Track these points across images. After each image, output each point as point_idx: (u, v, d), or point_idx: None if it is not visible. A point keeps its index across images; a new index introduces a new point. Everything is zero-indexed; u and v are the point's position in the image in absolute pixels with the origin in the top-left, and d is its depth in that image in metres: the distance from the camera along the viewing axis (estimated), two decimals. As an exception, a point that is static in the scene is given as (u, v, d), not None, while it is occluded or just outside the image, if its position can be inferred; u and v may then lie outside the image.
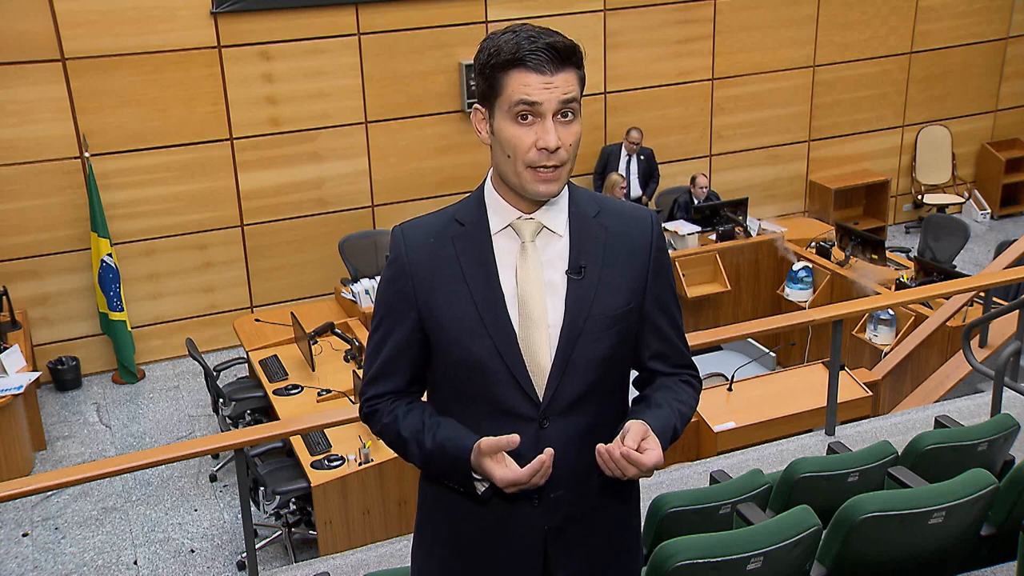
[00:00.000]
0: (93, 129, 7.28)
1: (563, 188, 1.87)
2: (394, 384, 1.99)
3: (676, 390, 2.01)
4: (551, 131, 1.78)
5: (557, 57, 1.77)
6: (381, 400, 2.00)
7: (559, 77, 1.78)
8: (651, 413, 1.93)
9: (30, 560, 5.64)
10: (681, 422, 1.97)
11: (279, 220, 8.01)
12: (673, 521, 3.12)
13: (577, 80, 1.81)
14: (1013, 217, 10.33)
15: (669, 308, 2.00)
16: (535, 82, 1.77)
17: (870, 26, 9.54)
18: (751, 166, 9.52)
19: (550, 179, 1.82)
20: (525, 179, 1.83)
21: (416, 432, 1.94)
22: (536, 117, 1.79)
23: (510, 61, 1.78)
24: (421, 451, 1.94)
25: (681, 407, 1.98)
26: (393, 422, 1.98)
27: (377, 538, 4.94)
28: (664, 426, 1.91)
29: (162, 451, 4.17)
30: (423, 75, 8.08)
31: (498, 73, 1.79)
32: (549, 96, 1.77)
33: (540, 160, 1.80)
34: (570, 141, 1.81)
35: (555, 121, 1.79)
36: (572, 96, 1.79)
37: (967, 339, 5.08)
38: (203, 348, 7.40)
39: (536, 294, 1.88)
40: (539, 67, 1.77)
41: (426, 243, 1.93)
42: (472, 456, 1.86)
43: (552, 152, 1.79)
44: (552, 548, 1.96)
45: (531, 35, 1.79)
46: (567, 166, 1.83)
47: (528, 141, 1.80)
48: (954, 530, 2.98)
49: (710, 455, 5.10)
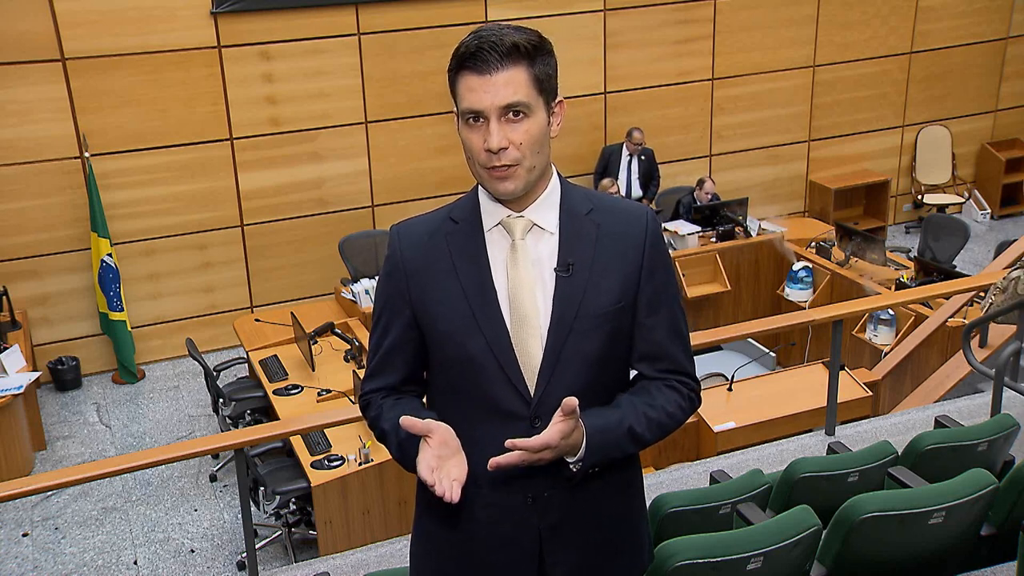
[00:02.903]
0: (93, 129, 7.28)
1: (525, 185, 1.85)
2: (388, 380, 2.01)
3: (652, 393, 1.95)
4: (494, 132, 1.79)
5: (498, 56, 1.77)
6: (375, 395, 2.02)
7: (501, 77, 1.77)
8: (597, 411, 1.89)
9: (30, 560, 5.64)
10: (647, 425, 1.91)
11: (279, 220, 8.01)
12: (673, 521, 3.12)
13: (527, 77, 1.80)
14: (1013, 217, 10.33)
15: (664, 309, 1.96)
16: (477, 85, 1.79)
17: (870, 26, 9.54)
18: (751, 166, 9.52)
19: (504, 177, 1.83)
20: (484, 179, 1.86)
21: (394, 423, 1.93)
22: (484, 119, 1.80)
23: (458, 64, 1.81)
24: (396, 441, 1.93)
25: (648, 410, 1.92)
26: (378, 415, 2.00)
27: (377, 538, 4.94)
28: (608, 424, 1.88)
29: (162, 451, 4.17)
30: (423, 75, 8.08)
31: (453, 77, 1.83)
32: (490, 101, 1.78)
33: (490, 161, 1.81)
34: (520, 140, 1.81)
35: (503, 121, 1.79)
36: (515, 98, 1.78)
37: (967, 339, 5.08)
38: (203, 348, 7.40)
39: (526, 292, 1.88)
40: (480, 68, 1.78)
41: (421, 241, 1.95)
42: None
43: (495, 153, 1.80)
44: (548, 546, 1.96)
45: (481, 35, 1.79)
46: (525, 163, 1.83)
47: (479, 143, 1.82)
48: (954, 530, 2.98)
49: (710, 455, 5.10)
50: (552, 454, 1.82)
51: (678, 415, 1.97)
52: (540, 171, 1.87)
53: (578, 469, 1.88)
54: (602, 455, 1.89)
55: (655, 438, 1.95)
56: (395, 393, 2.01)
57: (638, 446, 1.94)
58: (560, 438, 1.79)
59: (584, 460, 1.87)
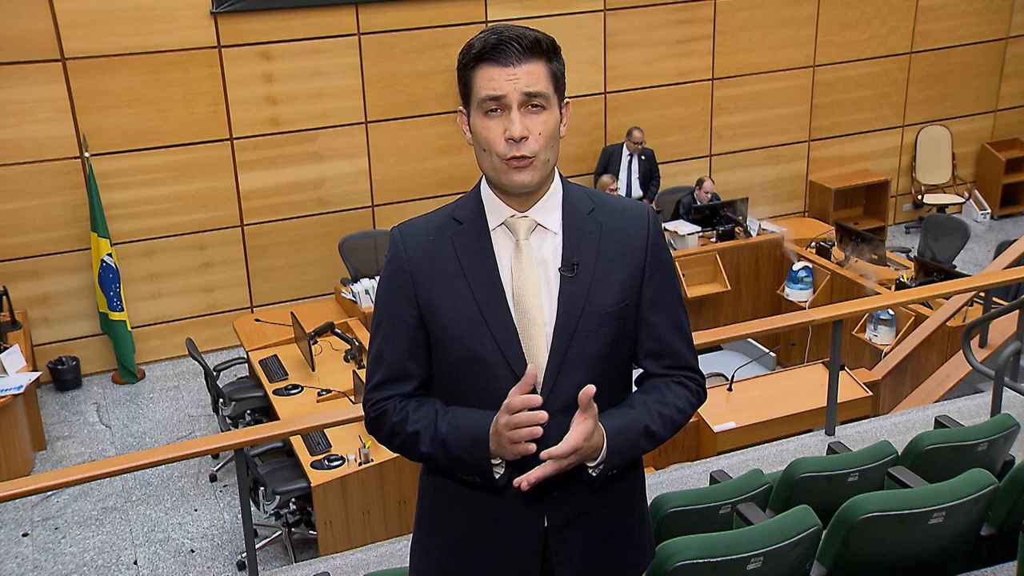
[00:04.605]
0: (93, 129, 7.28)
1: (540, 178, 1.86)
2: (401, 388, 1.97)
3: (663, 390, 1.97)
4: (516, 121, 1.79)
5: (520, 49, 1.79)
6: (388, 402, 1.97)
7: (523, 68, 1.79)
8: (614, 412, 1.90)
9: (30, 560, 5.64)
10: (661, 423, 1.93)
11: (279, 220, 8.01)
12: (673, 521, 3.12)
13: (547, 72, 1.82)
14: (1013, 217, 10.33)
15: (667, 306, 1.97)
16: (499, 75, 1.80)
17: (870, 26, 9.54)
18: (751, 166, 9.52)
19: (522, 167, 1.83)
20: (500, 171, 1.85)
21: (429, 422, 1.92)
22: (503, 110, 1.81)
23: (477, 57, 1.81)
24: (434, 439, 1.90)
25: (661, 408, 1.94)
26: (403, 419, 1.95)
27: (377, 538, 4.94)
28: (625, 425, 1.89)
29: (162, 451, 4.16)
30: (423, 75, 8.08)
31: (469, 71, 1.83)
32: (512, 88, 1.79)
33: (510, 151, 1.81)
34: (539, 131, 1.82)
35: (523, 112, 1.81)
36: (537, 88, 1.80)
37: (967, 339, 5.08)
38: (203, 348, 7.40)
39: (531, 292, 1.88)
40: (502, 60, 1.79)
41: (424, 241, 1.94)
42: (491, 429, 1.83)
43: (517, 141, 1.80)
44: (553, 544, 1.96)
45: (499, 31, 1.81)
46: (541, 156, 1.83)
47: (497, 133, 1.82)
48: (954, 530, 2.98)
49: (710, 455, 5.10)
50: (577, 458, 1.82)
51: (688, 411, 2.00)
52: (551, 166, 1.89)
53: (598, 473, 1.88)
54: (621, 457, 1.90)
55: (668, 435, 1.97)
56: (410, 399, 1.98)
57: (653, 444, 1.96)
58: (584, 440, 1.80)
59: (606, 462, 1.87)
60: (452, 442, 1.89)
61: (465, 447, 1.88)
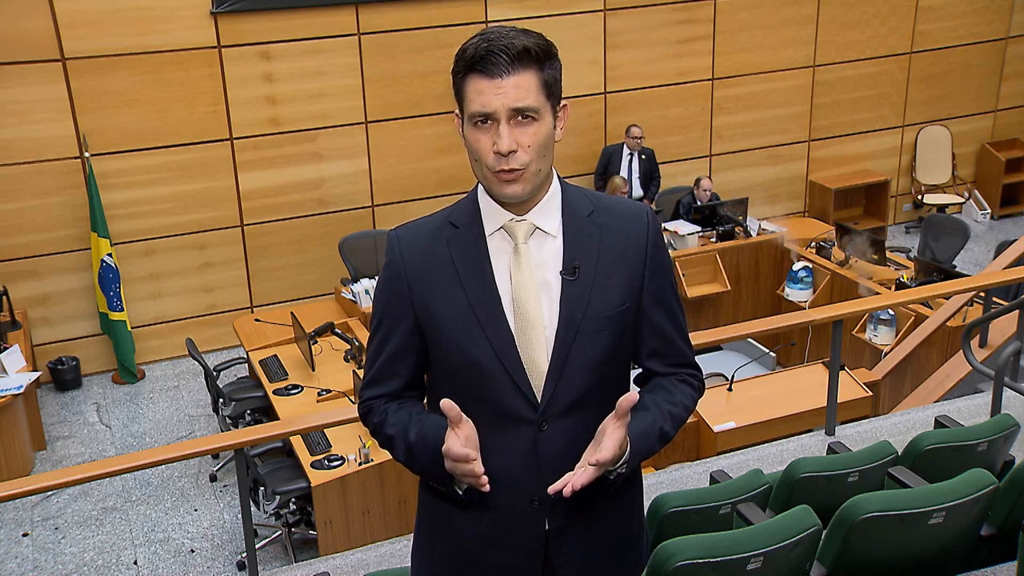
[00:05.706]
0: (93, 129, 7.28)
1: (531, 188, 1.85)
2: (390, 387, 1.99)
3: (670, 390, 1.99)
4: (504, 136, 1.78)
5: (508, 60, 1.76)
6: (374, 401, 2.01)
7: (511, 81, 1.77)
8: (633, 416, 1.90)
9: (30, 560, 5.64)
10: (672, 423, 1.95)
11: (279, 220, 8.01)
12: (673, 521, 3.12)
13: (537, 81, 1.79)
14: (1013, 217, 10.33)
15: (668, 305, 1.98)
16: (487, 88, 1.77)
17: (870, 26, 9.54)
18: (751, 166, 9.52)
19: (511, 180, 1.82)
20: (491, 182, 1.84)
21: (402, 427, 1.94)
22: (493, 121, 1.79)
23: (466, 67, 1.79)
24: (405, 445, 1.93)
25: (672, 408, 1.96)
26: (382, 421, 1.98)
27: (377, 538, 4.94)
28: (645, 428, 1.90)
29: (162, 451, 4.16)
30: (423, 75, 8.08)
31: (460, 80, 1.82)
32: (500, 103, 1.77)
33: (499, 164, 1.80)
34: (528, 143, 1.80)
35: (512, 124, 1.79)
36: (526, 102, 1.78)
37: (967, 339, 5.08)
38: (203, 348, 7.40)
39: (531, 296, 1.88)
40: (490, 71, 1.77)
41: (421, 246, 1.93)
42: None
43: (505, 156, 1.79)
44: (554, 547, 1.96)
45: (490, 38, 1.78)
46: (532, 167, 1.82)
47: (487, 145, 1.81)
48: (954, 530, 2.98)
49: (710, 455, 5.10)
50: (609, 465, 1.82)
51: (692, 408, 2.03)
52: (545, 175, 1.87)
53: (616, 476, 1.89)
54: (639, 460, 1.92)
55: (676, 434, 1.99)
56: (396, 399, 2.00)
57: (664, 444, 1.97)
58: (620, 447, 1.80)
59: (628, 465, 1.88)
60: (418, 452, 1.91)
61: (428, 459, 1.89)
